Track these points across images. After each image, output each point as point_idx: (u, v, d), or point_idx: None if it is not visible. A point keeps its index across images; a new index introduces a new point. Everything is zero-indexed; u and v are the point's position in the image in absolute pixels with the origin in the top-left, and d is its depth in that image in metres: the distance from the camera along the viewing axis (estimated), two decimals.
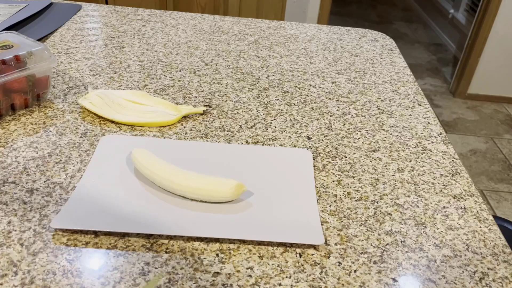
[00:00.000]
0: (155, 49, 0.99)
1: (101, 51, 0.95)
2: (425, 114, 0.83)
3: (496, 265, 0.53)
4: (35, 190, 0.57)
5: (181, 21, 1.16)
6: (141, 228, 0.52)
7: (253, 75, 0.91)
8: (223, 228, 0.53)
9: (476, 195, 0.64)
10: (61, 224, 0.51)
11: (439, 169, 0.68)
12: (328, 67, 0.98)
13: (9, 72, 0.68)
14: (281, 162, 0.65)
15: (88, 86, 0.82)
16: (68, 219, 0.52)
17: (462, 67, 2.88)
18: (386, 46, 1.13)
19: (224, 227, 0.53)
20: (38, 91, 0.74)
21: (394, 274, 0.50)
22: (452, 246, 0.55)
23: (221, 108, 0.79)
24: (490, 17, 2.64)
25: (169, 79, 0.87)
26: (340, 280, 0.49)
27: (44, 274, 0.47)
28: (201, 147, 0.68)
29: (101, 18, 1.13)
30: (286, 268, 0.50)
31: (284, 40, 1.10)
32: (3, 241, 0.50)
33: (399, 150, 0.72)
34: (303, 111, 0.80)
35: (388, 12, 4.57)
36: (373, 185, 0.64)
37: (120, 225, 0.52)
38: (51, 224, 0.51)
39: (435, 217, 0.59)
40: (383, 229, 0.56)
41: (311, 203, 0.58)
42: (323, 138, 0.73)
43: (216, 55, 0.99)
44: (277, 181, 0.62)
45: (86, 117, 0.73)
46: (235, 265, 0.49)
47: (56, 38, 1.00)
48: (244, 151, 0.68)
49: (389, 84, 0.93)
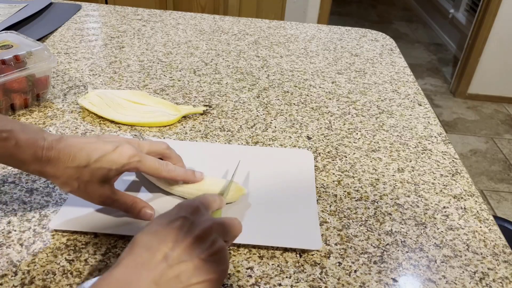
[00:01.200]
0: (155, 49, 0.99)
1: (101, 51, 0.95)
2: (425, 114, 0.83)
3: (496, 265, 0.53)
4: (35, 190, 0.57)
5: (181, 21, 1.16)
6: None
7: (253, 75, 0.91)
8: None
9: (476, 195, 0.64)
10: (60, 225, 0.51)
11: (439, 169, 0.68)
12: (328, 67, 0.98)
13: (9, 72, 0.68)
14: (283, 163, 0.65)
15: (88, 86, 0.82)
16: (67, 220, 0.52)
17: (462, 67, 2.88)
18: (386, 46, 1.12)
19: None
20: (37, 91, 0.74)
21: (394, 274, 0.50)
22: (452, 246, 0.55)
23: (221, 108, 0.79)
24: (490, 17, 2.64)
25: (169, 79, 0.87)
26: (340, 280, 0.49)
27: (44, 274, 0.47)
28: (202, 148, 0.68)
29: (101, 18, 1.13)
30: (286, 268, 0.50)
31: (284, 40, 1.10)
32: (3, 241, 0.50)
33: (399, 150, 0.72)
34: (303, 111, 0.80)
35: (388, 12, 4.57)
36: (373, 185, 0.64)
37: (119, 228, 0.52)
38: (49, 225, 0.51)
39: (435, 217, 0.59)
40: (383, 229, 0.56)
41: (311, 206, 0.58)
42: (323, 138, 0.73)
43: (216, 55, 0.99)
44: (278, 183, 0.61)
45: (85, 117, 0.73)
46: (235, 265, 0.49)
47: (56, 38, 1.00)
48: (245, 151, 0.67)
49: (389, 84, 0.93)
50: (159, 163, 0.52)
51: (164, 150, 0.55)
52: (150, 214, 0.52)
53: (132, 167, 0.49)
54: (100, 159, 0.47)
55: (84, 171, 0.47)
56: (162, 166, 0.52)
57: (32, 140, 0.45)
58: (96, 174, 0.48)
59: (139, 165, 0.50)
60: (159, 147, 0.54)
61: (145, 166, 0.50)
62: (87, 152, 0.47)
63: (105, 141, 0.49)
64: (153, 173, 0.52)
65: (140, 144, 0.53)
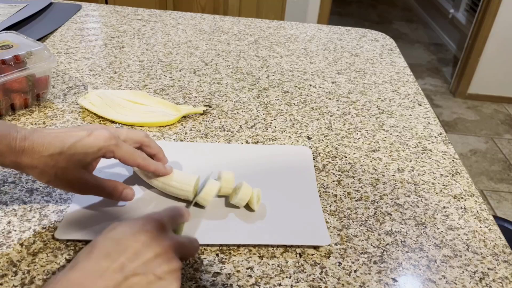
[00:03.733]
0: (155, 49, 0.99)
1: (101, 51, 0.95)
2: (425, 114, 0.83)
3: (496, 265, 0.53)
4: (35, 190, 0.57)
5: (181, 21, 1.16)
6: None
7: (253, 75, 0.91)
8: (228, 234, 0.52)
9: (476, 195, 0.64)
10: (65, 235, 0.50)
11: (439, 169, 0.68)
12: (328, 67, 0.98)
13: (9, 72, 0.68)
14: (281, 161, 0.65)
15: (88, 86, 0.82)
16: (71, 229, 0.51)
17: (462, 67, 2.88)
18: (386, 46, 1.12)
19: (229, 232, 0.53)
20: (38, 91, 0.74)
21: (394, 274, 0.50)
22: (452, 246, 0.55)
23: (221, 108, 0.79)
24: (490, 17, 2.64)
25: (169, 79, 0.87)
26: (340, 280, 0.49)
27: (44, 274, 0.47)
28: (202, 148, 0.68)
29: (101, 18, 1.13)
30: (286, 268, 0.50)
31: (284, 40, 1.10)
32: (3, 241, 0.50)
33: (399, 150, 0.72)
34: (303, 111, 0.80)
35: (388, 12, 4.57)
36: (373, 185, 0.64)
37: None
38: (55, 234, 0.50)
39: (435, 217, 0.59)
40: (383, 229, 0.56)
41: (314, 203, 0.58)
42: (323, 138, 0.73)
43: (216, 55, 0.99)
44: (278, 181, 0.62)
45: (86, 117, 0.73)
46: (235, 265, 0.49)
47: (56, 38, 1.00)
48: (243, 150, 0.67)
49: (389, 84, 0.93)
50: (134, 150, 0.51)
51: (143, 138, 0.54)
52: (132, 193, 0.53)
53: (109, 150, 0.49)
54: (74, 144, 0.47)
55: (59, 158, 0.47)
56: (137, 153, 0.52)
57: (5, 132, 0.46)
58: (72, 160, 0.47)
59: (115, 149, 0.49)
60: (137, 135, 0.54)
61: (122, 151, 0.50)
62: (61, 139, 0.47)
63: (80, 129, 0.49)
64: (129, 159, 0.51)
65: (118, 130, 0.52)
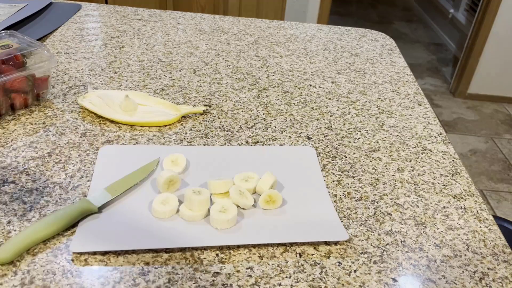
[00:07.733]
0: (155, 49, 0.98)
1: (100, 51, 0.95)
2: (425, 114, 0.83)
3: (496, 265, 0.53)
4: (35, 190, 0.57)
5: (181, 21, 1.16)
6: (154, 243, 0.50)
7: (253, 75, 0.91)
8: (250, 234, 0.53)
9: (476, 195, 0.64)
10: (81, 248, 0.49)
11: (439, 169, 0.68)
12: (328, 67, 0.98)
13: (9, 72, 0.68)
14: (288, 161, 0.66)
15: (88, 86, 0.82)
16: (85, 241, 0.50)
17: (462, 67, 2.88)
18: (386, 46, 1.12)
19: (250, 231, 0.53)
20: (37, 91, 0.74)
21: (394, 274, 0.50)
22: (452, 246, 0.55)
23: (221, 108, 0.79)
24: (490, 17, 2.64)
25: (169, 79, 0.87)
26: (340, 280, 0.49)
27: (44, 274, 0.47)
28: (204, 151, 0.67)
29: (100, 18, 1.13)
30: (286, 268, 0.50)
31: (284, 40, 1.10)
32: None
33: (399, 150, 0.72)
34: (303, 111, 0.80)
35: (388, 12, 4.57)
36: (373, 185, 0.64)
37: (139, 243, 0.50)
38: (70, 248, 0.49)
39: (435, 217, 0.59)
40: (383, 229, 0.56)
41: (325, 199, 0.59)
42: (323, 138, 0.73)
43: (216, 54, 0.99)
44: (288, 180, 0.62)
45: (86, 117, 0.73)
46: (235, 265, 0.49)
47: (56, 38, 1.00)
48: (248, 152, 0.67)
49: (389, 84, 0.93)
50: None
51: None
52: None
53: None
54: None
55: None
56: None
57: None
58: None
59: None
60: None
61: None
62: None
63: None
64: None
65: None
